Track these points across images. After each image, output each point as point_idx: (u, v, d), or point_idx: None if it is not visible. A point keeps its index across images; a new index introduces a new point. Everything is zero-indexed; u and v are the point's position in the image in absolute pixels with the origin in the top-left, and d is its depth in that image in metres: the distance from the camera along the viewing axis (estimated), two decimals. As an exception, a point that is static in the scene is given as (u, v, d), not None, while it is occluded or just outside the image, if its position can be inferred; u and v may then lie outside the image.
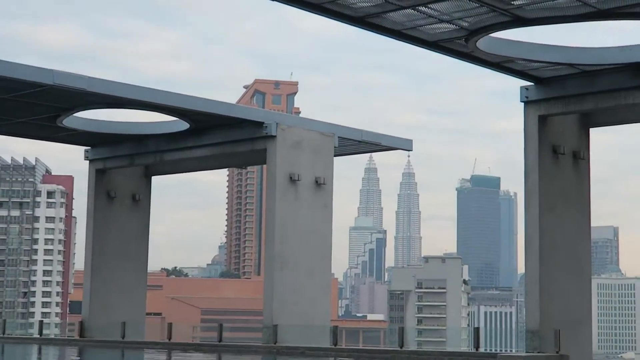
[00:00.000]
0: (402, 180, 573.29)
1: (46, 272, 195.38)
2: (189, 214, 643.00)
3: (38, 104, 28.98)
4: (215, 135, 31.78)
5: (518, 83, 24.78)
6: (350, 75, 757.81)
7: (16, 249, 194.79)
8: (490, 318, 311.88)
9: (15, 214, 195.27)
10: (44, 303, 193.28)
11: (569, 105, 24.30)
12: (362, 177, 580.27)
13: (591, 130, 26.12)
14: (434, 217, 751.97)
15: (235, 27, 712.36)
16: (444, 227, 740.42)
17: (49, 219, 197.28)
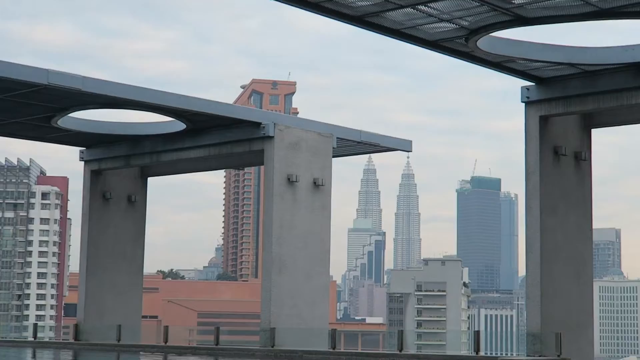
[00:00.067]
0: (402, 182, 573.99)
1: (41, 274, 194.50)
2: (185, 216, 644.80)
3: (32, 104, 28.75)
4: (212, 136, 31.54)
5: (519, 83, 24.60)
6: (349, 75, 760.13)
7: (10, 251, 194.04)
8: (490, 321, 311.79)
9: (10, 216, 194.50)
10: (38, 306, 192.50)
11: (571, 106, 24.12)
12: (360, 178, 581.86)
13: (593, 130, 25.92)
14: (433, 219, 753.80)
15: (233, 26, 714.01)
16: (444, 229, 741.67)
17: (44, 221, 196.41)
